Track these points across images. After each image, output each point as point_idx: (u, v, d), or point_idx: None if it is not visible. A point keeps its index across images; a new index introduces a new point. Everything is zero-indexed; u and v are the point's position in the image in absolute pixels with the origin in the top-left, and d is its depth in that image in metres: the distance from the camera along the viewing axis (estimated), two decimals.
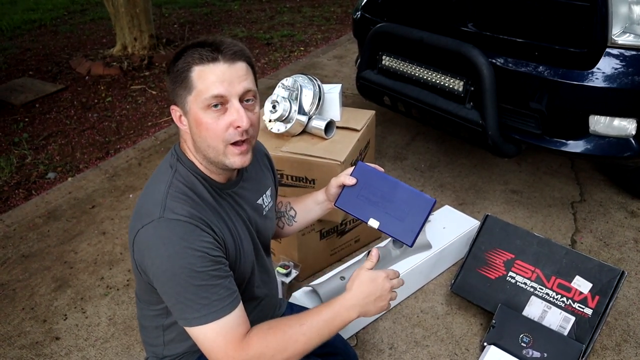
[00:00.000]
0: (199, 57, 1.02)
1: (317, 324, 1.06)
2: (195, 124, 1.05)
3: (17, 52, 5.53)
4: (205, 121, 1.03)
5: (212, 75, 1.02)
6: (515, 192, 2.64)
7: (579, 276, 1.74)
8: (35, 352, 1.88)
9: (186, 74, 1.03)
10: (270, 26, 6.19)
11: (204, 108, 1.03)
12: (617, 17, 1.85)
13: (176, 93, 1.06)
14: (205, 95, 1.02)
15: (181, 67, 1.04)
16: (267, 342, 1.03)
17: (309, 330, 1.04)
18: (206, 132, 1.04)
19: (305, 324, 1.05)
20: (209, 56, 1.02)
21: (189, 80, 1.03)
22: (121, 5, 4.75)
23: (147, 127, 3.71)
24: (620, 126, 1.96)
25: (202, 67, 1.02)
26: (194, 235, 1.01)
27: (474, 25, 2.26)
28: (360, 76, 2.75)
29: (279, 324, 1.06)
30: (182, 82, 1.04)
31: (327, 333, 1.07)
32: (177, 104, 1.08)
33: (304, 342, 1.04)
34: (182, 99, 1.06)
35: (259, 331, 1.05)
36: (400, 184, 1.22)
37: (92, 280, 2.20)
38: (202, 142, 1.06)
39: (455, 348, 1.80)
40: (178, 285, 1.00)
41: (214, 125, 1.03)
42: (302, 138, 2.03)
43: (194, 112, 1.04)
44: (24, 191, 2.97)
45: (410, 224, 1.19)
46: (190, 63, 1.02)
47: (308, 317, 1.06)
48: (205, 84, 1.01)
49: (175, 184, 1.07)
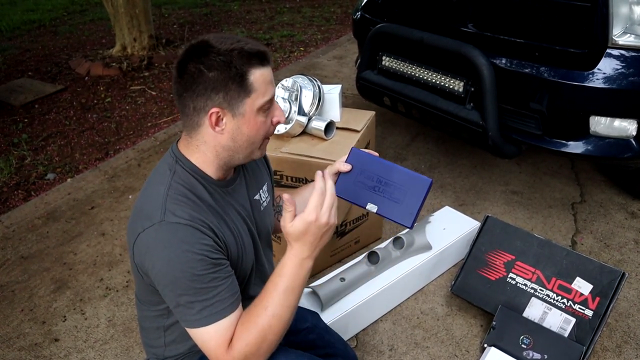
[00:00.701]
0: (258, 60, 1.03)
1: (280, 299, 1.03)
2: (247, 125, 1.06)
3: (17, 53, 5.53)
4: (260, 121, 1.07)
5: (267, 77, 1.05)
6: (515, 192, 2.63)
7: (579, 277, 1.74)
8: (35, 353, 1.87)
9: (245, 76, 1.02)
10: (270, 26, 6.19)
11: (260, 110, 1.06)
12: (618, 17, 1.84)
13: (228, 95, 1.03)
14: (265, 97, 1.05)
15: (240, 69, 1.01)
16: (246, 340, 1.02)
17: (275, 309, 1.02)
18: (256, 131, 1.08)
19: (269, 305, 1.02)
20: (264, 59, 1.05)
21: (247, 82, 1.02)
22: (121, 6, 4.74)
23: (147, 128, 3.71)
24: (620, 127, 1.96)
25: (258, 70, 1.04)
26: (195, 238, 1.01)
27: (474, 25, 2.25)
28: (360, 77, 2.75)
29: (249, 317, 1.04)
30: (239, 84, 1.02)
31: (294, 299, 1.05)
32: (223, 107, 1.04)
33: (277, 321, 1.03)
34: (236, 101, 1.03)
35: (236, 332, 1.04)
36: (396, 166, 1.21)
37: (92, 282, 2.20)
38: (246, 141, 1.08)
39: (456, 349, 1.80)
40: (179, 288, 1.00)
41: (265, 124, 1.09)
42: (302, 139, 2.02)
43: (249, 114, 1.05)
44: (23, 192, 2.96)
45: (408, 206, 1.18)
46: (247, 65, 1.02)
47: (269, 297, 1.03)
48: (264, 87, 1.05)
49: (174, 186, 1.07)
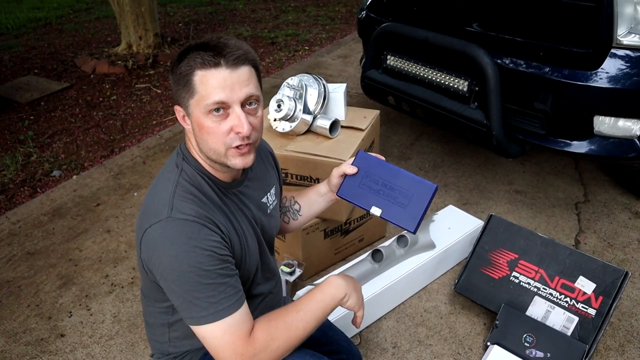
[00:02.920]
0: (202, 62, 1.01)
1: (311, 307, 1.12)
2: (197, 127, 1.06)
3: (23, 51, 5.56)
4: (207, 125, 1.04)
5: (213, 80, 1.01)
6: (519, 192, 2.64)
7: (582, 276, 1.75)
8: (41, 348, 1.89)
9: (189, 77, 1.03)
10: (275, 25, 6.20)
11: (205, 113, 1.03)
12: (623, 17, 1.85)
13: (179, 95, 1.07)
14: (207, 101, 1.02)
15: (184, 71, 1.03)
16: (271, 334, 1.06)
17: (305, 315, 1.11)
18: (207, 135, 1.05)
19: (301, 310, 1.11)
20: (211, 61, 1.01)
21: (192, 84, 1.03)
22: (126, 4, 4.76)
23: (152, 126, 3.73)
24: (625, 127, 1.96)
25: (204, 72, 1.01)
26: (202, 234, 1.02)
27: (478, 25, 2.26)
28: (364, 76, 2.75)
29: (278, 315, 1.11)
30: (184, 85, 1.04)
31: (322, 314, 1.13)
32: (181, 105, 1.09)
33: (303, 327, 1.10)
34: (185, 101, 1.06)
35: (261, 325, 1.07)
36: (402, 171, 1.22)
37: (97, 278, 2.21)
38: (205, 144, 1.07)
39: (459, 347, 1.80)
40: (186, 284, 1.01)
41: (215, 129, 1.04)
42: (307, 137, 2.03)
43: (196, 115, 1.05)
44: (29, 189, 2.98)
45: (412, 211, 1.19)
46: (193, 67, 1.02)
47: (302, 303, 1.12)
48: (207, 89, 1.01)
49: (181, 183, 1.08)
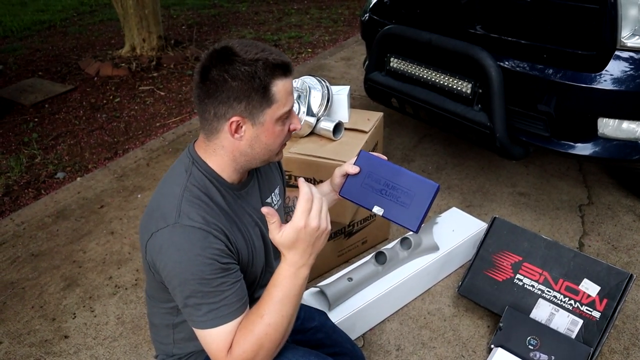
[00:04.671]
0: (281, 72, 1.05)
1: (276, 308, 1.02)
2: (266, 134, 1.08)
3: (27, 53, 5.58)
4: (277, 130, 1.09)
5: (288, 88, 1.07)
6: (522, 194, 2.63)
7: (587, 279, 1.74)
8: (45, 350, 1.89)
9: (268, 86, 1.03)
10: (278, 28, 6.21)
11: (280, 120, 1.08)
12: (627, 19, 1.84)
13: (250, 104, 1.04)
14: (286, 108, 1.08)
15: (263, 80, 1.03)
16: (243, 347, 1.02)
17: (271, 318, 1.02)
18: (275, 139, 1.10)
19: (265, 314, 1.02)
20: (287, 71, 1.06)
21: (270, 93, 1.04)
22: (130, 7, 4.77)
23: (156, 128, 3.73)
24: (629, 129, 1.96)
25: (281, 81, 1.05)
26: (206, 242, 1.02)
27: (482, 27, 2.26)
28: (368, 78, 2.76)
29: (246, 325, 1.04)
30: (262, 94, 1.03)
31: (291, 307, 1.04)
32: (244, 115, 1.05)
33: (274, 330, 1.02)
34: (257, 110, 1.05)
35: (237, 338, 1.04)
36: (404, 170, 1.22)
37: (101, 280, 2.22)
38: (264, 148, 1.11)
39: (462, 350, 1.80)
40: (188, 290, 1.02)
41: (282, 133, 1.11)
42: (311, 139, 2.03)
43: (268, 123, 1.07)
44: (34, 190, 2.99)
45: (414, 210, 1.19)
46: (271, 76, 1.03)
47: (265, 306, 1.03)
48: (285, 97, 1.07)
49: (190, 188, 1.08)
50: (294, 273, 1.04)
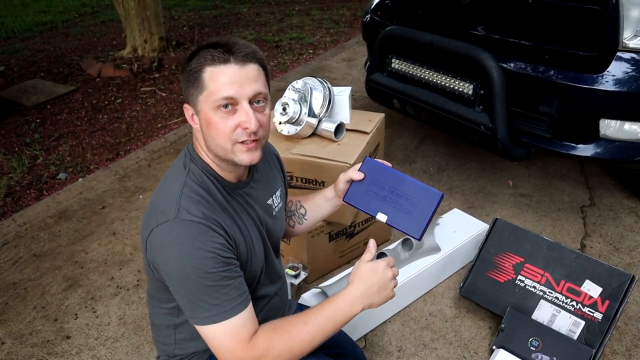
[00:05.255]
0: (211, 58, 1.04)
1: (321, 322, 1.08)
2: (205, 123, 1.08)
3: (29, 54, 5.59)
4: (214, 121, 1.06)
5: (222, 76, 1.04)
6: (524, 195, 2.63)
7: (588, 280, 1.74)
8: (47, 350, 1.89)
9: (198, 74, 1.05)
10: (279, 29, 6.21)
11: (214, 108, 1.05)
12: (629, 20, 1.84)
13: (188, 92, 1.09)
14: (216, 96, 1.04)
15: (194, 67, 1.06)
16: (272, 342, 1.05)
17: (313, 328, 1.07)
18: (215, 131, 1.06)
19: (309, 322, 1.07)
20: (221, 57, 1.04)
21: (201, 80, 1.05)
22: (132, 8, 4.78)
23: (157, 129, 3.74)
24: (630, 130, 1.96)
25: (213, 68, 1.04)
26: (207, 236, 1.02)
27: (483, 28, 2.26)
28: (369, 79, 2.76)
29: (284, 324, 1.08)
30: (194, 82, 1.06)
31: (332, 329, 1.09)
32: (189, 103, 1.11)
33: (309, 340, 1.06)
34: (194, 98, 1.08)
35: (265, 331, 1.07)
36: (408, 178, 1.23)
37: (103, 280, 2.22)
38: (212, 140, 1.08)
39: (464, 351, 1.80)
40: (190, 285, 1.02)
41: (222, 125, 1.06)
42: (312, 140, 2.04)
43: (204, 111, 1.07)
44: (36, 191, 3.00)
45: (418, 218, 1.20)
46: (203, 63, 1.05)
47: (311, 316, 1.08)
48: (216, 85, 1.04)
49: (189, 184, 1.09)
50: (351, 301, 1.10)
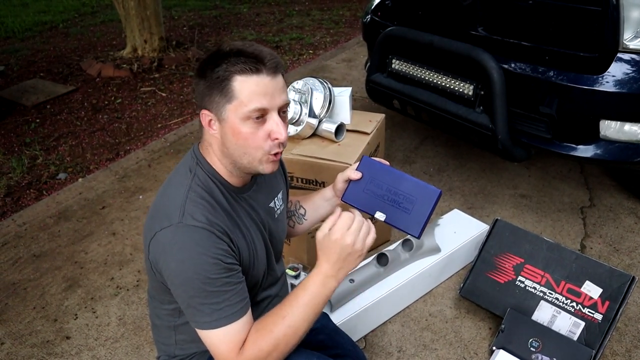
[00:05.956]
0: (243, 68, 1.01)
1: (299, 311, 1.05)
2: (231, 133, 1.05)
3: (29, 54, 5.59)
4: (244, 131, 1.04)
5: (255, 87, 1.02)
6: (524, 196, 2.63)
7: (588, 281, 1.74)
8: (46, 350, 1.89)
9: (227, 82, 1.02)
10: (279, 29, 6.22)
11: (244, 119, 1.03)
12: (629, 21, 1.84)
13: (212, 99, 1.05)
14: (248, 107, 1.02)
15: (221, 75, 1.02)
16: (259, 347, 1.04)
17: (292, 320, 1.04)
18: (244, 141, 1.05)
19: (287, 316, 1.04)
20: (253, 67, 1.01)
21: (230, 89, 1.02)
22: (132, 8, 4.78)
23: (157, 129, 3.74)
24: (631, 131, 1.96)
25: (245, 78, 1.02)
26: (210, 242, 1.02)
27: (484, 29, 2.26)
28: (369, 79, 2.76)
29: (265, 325, 1.06)
30: (221, 90, 1.03)
31: (313, 314, 1.06)
32: (210, 110, 1.07)
33: (292, 333, 1.04)
34: (219, 106, 1.05)
35: (250, 337, 1.06)
36: (406, 176, 1.23)
37: (102, 281, 2.22)
38: (238, 149, 1.07)
39: (464, 352, 1.80)
40: (191, 289, 1.02)
41: (253, 136, 1.05)
42: (313, 141, 2.04)
43: (232, 121, 1.04)
44: (35, 191, 3.00)
45: (416, 216, 1.19)
46: (233, 72, 1.02)
47: (288, 308, 1.05)
48: (248, 95, 1.02)
49: (194, 188, 1.08)
50: (322, 281, 1.06)
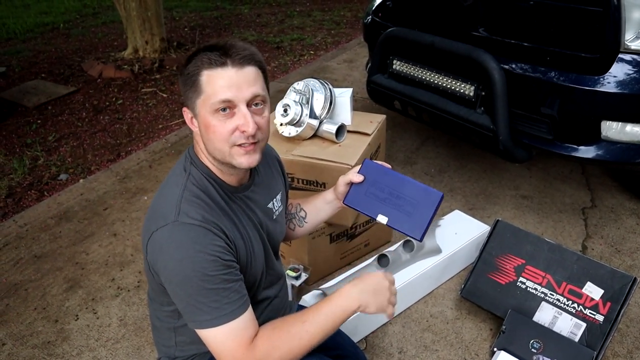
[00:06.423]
0: (208, 61, 1.04)
1: (319, 319, 1.08)
2: (204, 127, 1.08)
3: (30, 55, 5.60)
4: (212, 124, 1.05)
5: (220, 79, 1.03)
6: (525, 197, 2.63)
7: (590, 282, 1.74)
8: (47, 351, 1.89)
9: (195, 77, 1.05)
10: (280, 30, 6.22)
11: (211, 112, 1.05)
12: (631, 22, 1.84)
13: (187, 96, 1.09)
14: (213, 100, 1.04)
15: (191, 71, 1.06)
16: (272, 343, 1.05)
17: (311, 326, 1.07)
18: (213, 134, 1.06)
19: (307, 321, 1.07)
20: (218, 60, 1.03)
21: (198, 84, 1.05)
22: (133, 9, 4.79)
23: (158, 130, 3.74)
24: (632, 132, 1.95)
25: (210, 72, 1.04)
26: (207, 239, 1.02)
27: (485, 30, 2.26)
28: (370, 80, 2.76)
29: (282, 324, 1.09)
30: (192, 86, 1.06)
31: (330, 326, 1.09)
32: (188, 107, 1.11)
33: (308, 339, 1.07)
34: (192, 102, 1.08)
35: (264, 333, 1.07)
36: (407, 179, 1.23)
37: (103, 282, 2.22)
38: (210, 144, 1.08)
39: (465, 353, 1.79)
40: (190, 288, 1.02)
41: (220, 128, 1.05)
42: (313, 142, 2.03)
43: (202, 115, 1.07)
44: (37, 192, 3.00)
45: (418, 219, 1.19)
46: (200, 67, 1.04)
47: (309, 314, 1.08)
48: (214, 88, 1.03)
49: (189, 187, 1.09)
50: (346, 298, 1.10)
